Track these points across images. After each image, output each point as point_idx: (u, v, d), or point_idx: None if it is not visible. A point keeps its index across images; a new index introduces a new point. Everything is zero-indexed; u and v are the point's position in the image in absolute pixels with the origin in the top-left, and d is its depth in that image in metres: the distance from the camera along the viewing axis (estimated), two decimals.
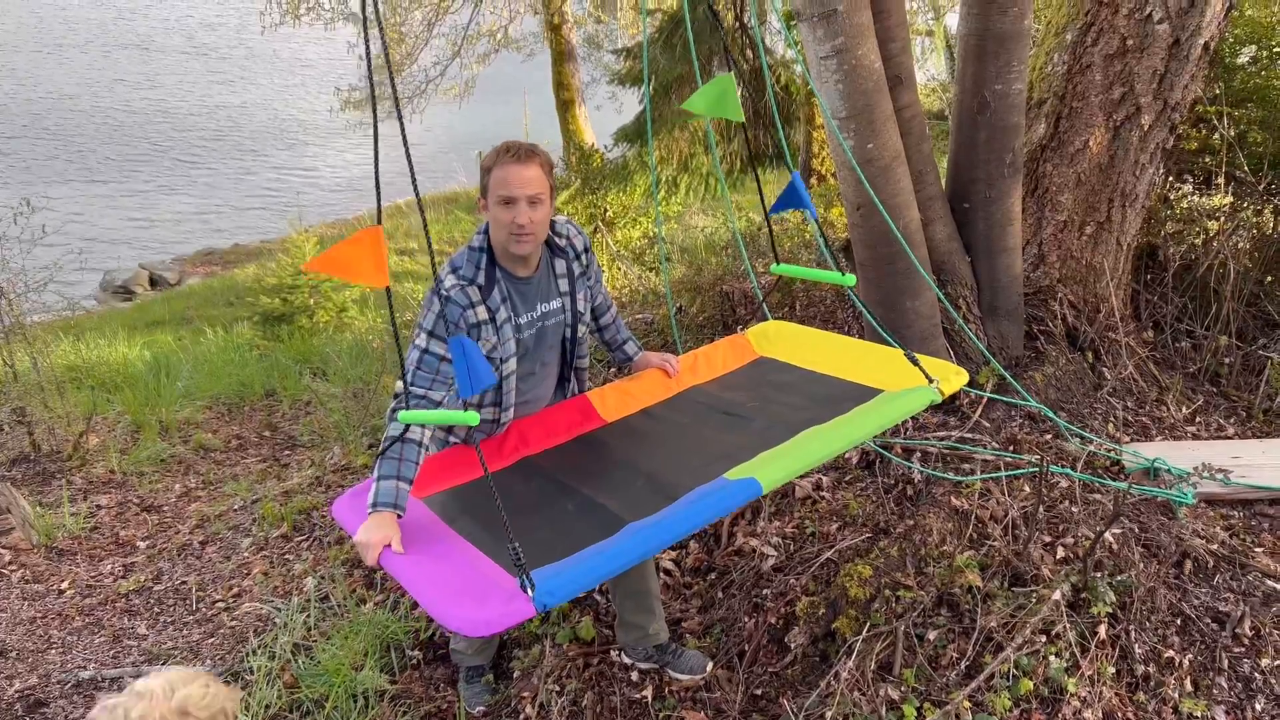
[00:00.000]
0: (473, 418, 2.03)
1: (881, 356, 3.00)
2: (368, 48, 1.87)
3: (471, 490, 2.54)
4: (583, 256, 2.79)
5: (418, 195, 1.98)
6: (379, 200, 2.00)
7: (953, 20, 13.83)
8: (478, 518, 2.35)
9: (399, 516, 2.25)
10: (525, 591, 1.82)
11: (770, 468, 2.28)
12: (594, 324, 3.04)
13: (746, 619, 3.23)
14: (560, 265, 2.72)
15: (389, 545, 2.15)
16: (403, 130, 1.87)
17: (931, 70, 14.05)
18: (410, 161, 1.90)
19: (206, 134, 28.28)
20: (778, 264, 3.11)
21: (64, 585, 4.40)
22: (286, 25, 14.69)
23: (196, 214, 21.81)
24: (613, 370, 5.20)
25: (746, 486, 2.17)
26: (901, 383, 2.78)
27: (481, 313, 2.53)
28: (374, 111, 1.88)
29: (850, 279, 2.78)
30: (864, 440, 2.81)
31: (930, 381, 2.69)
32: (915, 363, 2.74)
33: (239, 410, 7.10)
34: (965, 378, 2.80)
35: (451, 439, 2.76)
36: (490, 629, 1.81)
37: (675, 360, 3.15)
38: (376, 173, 1.93)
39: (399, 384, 2.49)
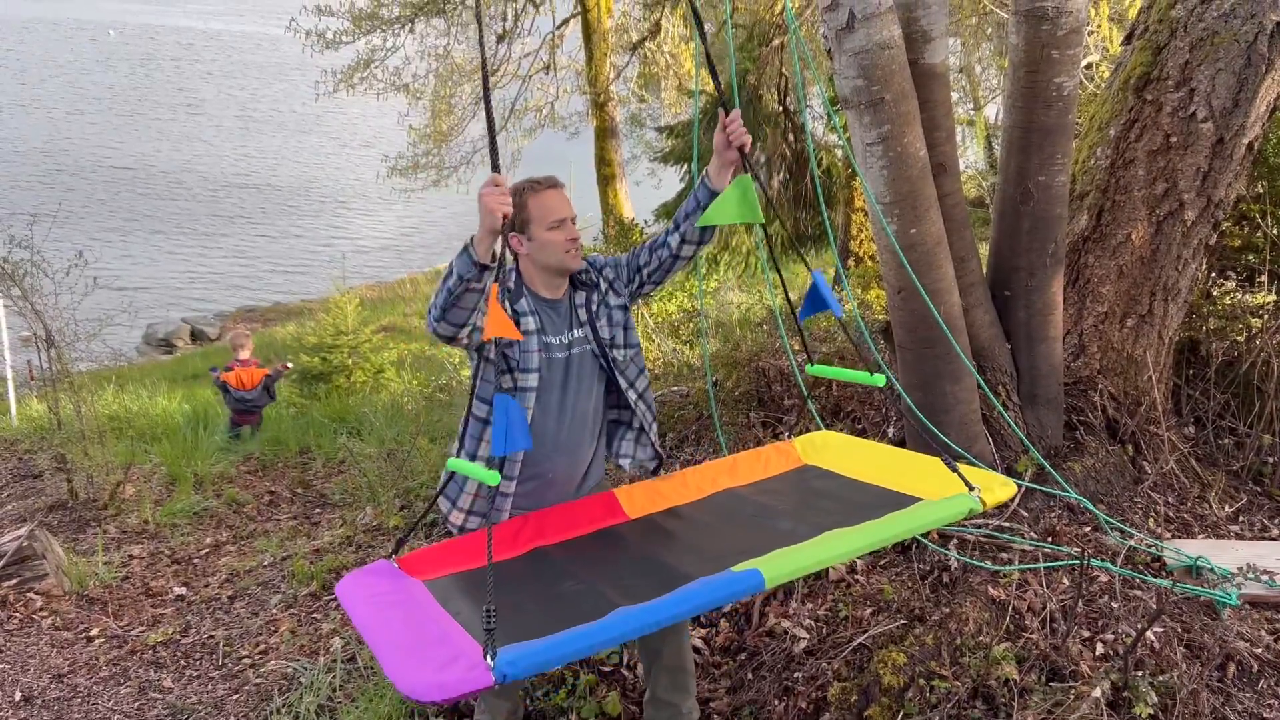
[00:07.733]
0: (493, 477, 2.04)
1: (930, 465, 2.84)
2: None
3: (471, 576, 2.51)
4: (601, 284, 2.90)
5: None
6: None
7: (992, 110, 14.04)
8: (471, 599, 2.32)
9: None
10: (487, 660, 1.78)
11: (779, 561, 2.18)
12: (650, 259, 2.96)
13: (776, 702, 3.18)
14: (580, 297, 2.85)
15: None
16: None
17: (971, 158, 14.21)
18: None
19: (252, 197, 29.09)
20: (811, 365, 3.06)
21: (93, 634, 4.42)
22: (340, 94, 15.19)
23: (239, 272, 22.32)
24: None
25: (747, 578, 2.07)
26: (944, 491, 2.64)
27: (507, 307, 2.64)
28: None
29: (879, 379, 2.71)
30: (888, 543, 2.65)
31: (971, 489, 2.54)
32: (955, 469, 2.59)
33: (273, 466, 7.17)
34: (1013, 489, 2.66)
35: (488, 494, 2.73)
36: (445, 693, 1.76)
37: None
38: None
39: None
